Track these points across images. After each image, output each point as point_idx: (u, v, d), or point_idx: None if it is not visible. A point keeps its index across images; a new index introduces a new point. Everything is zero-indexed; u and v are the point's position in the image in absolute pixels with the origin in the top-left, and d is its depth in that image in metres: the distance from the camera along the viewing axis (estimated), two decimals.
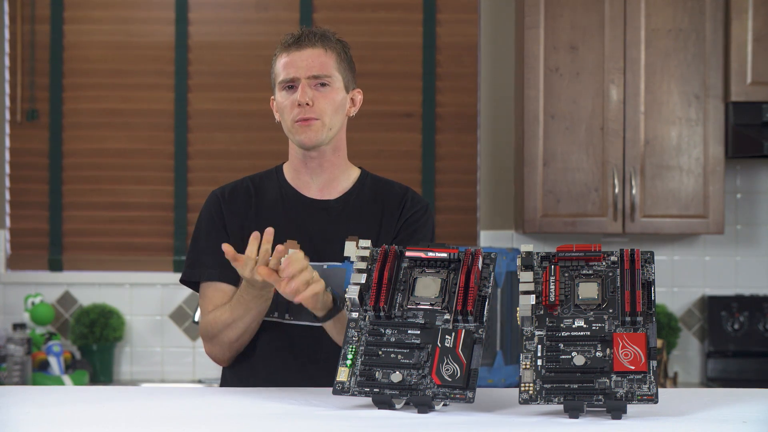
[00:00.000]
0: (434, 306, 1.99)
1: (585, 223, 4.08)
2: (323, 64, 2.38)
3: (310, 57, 2.38)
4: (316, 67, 2.37)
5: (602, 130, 4.07)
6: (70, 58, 4.42)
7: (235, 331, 2.35)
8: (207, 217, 2.45)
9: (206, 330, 2.39)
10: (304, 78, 2.37)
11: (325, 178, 2.45)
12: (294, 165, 2.47)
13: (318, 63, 2.38)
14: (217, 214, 2.44)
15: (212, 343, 2.39)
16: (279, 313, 2.38)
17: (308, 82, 2.37)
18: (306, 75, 2.37)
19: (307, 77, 2.37)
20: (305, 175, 2.45)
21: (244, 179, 2.51)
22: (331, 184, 2.46)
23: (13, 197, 4.42)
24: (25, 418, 1.88)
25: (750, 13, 4.04)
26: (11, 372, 3.99)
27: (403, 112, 4.42)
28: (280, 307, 2.37)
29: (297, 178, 2.46)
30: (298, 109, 2.37)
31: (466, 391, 1.88)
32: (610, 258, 1.98)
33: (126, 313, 4.36)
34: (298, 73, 2.37)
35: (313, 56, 2.38)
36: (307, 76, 2.37)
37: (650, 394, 1.83)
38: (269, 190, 2.46)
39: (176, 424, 1.85)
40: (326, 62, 2.39)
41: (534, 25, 4.07)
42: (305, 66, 2.37)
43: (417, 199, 2.49)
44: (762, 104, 4.03)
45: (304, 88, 2.36)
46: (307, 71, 2.37)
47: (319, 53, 2.39)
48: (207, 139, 4.42)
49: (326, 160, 2.44)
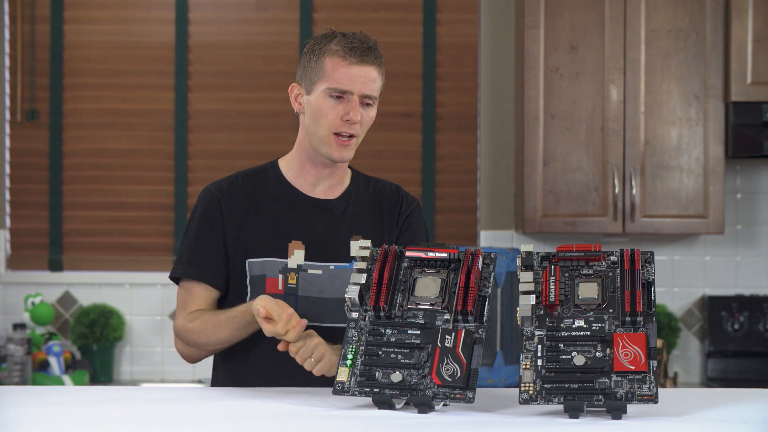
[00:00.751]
0: (434, 306, 1.99)
1: (585, 223, 4.08)
2: (376, 85, 2.37)
3: (369, 76, 2.35)
4: (372, 87, 2.35)
5: (602, 130, 4.07)
6: (70, 58, 4.42)
7: (217, 345, 2.34)
8: (202, 215, 2.42)
9: (185, 333, 2.37)
10: (358, 95, 2.33)
11: (332, 181, 2.44)
12: (301, 164, 2.43)
13: (373, 83, 2.36)
14: (215, 212, 2.40)
15: (188, 345, 2.38)
16: None
17: (360, 98, 2.34)
18: (361, 92, 2.33)
19: (360, 95, 2.34)
20: (312, 177, 2.43)
21: (237, 175, 2.47)
22: (334, 186, 2.45)
23: (13, 197, 4.42)
24: (25, 418, 1.88)
25: (750, 13, 4.04)
26: (11, 372, 3.99)
27: (403, 112, 4.42)
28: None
29: (300, 178, 2.43)
30: (344, 125, 2.33)
31: (466, 391, 1.88)
32: (610, 258, 1.98)
33: (126, 313, 4.36)
34: (354, 89, 2.33)
35: (371, 75, 2.35)
36: (362, 93, 2.34)
37: (650, 394, 1.83)
38: (267, 188, 2.43)
39: (176, 424, 1.85)
40: (378, 83, 2.37)
41: (534, 25, 4.07)
42: (362, 83, 2.33)
43: (410, 198, 2.51)
44: (762, 104, 4.03)
45: (357, 105, 2.33)
46: (362, 89, 2.33)
47: (375, 73, 2.37)
48: (207, 139, 4.42)
49: (338, 168, 2.43)
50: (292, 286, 2.36)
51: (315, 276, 2.36)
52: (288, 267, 2.36)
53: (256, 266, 2.37)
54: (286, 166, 2.46)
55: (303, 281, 2.36)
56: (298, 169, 2.44)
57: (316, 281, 2.36)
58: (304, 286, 2.36)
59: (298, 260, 2.36)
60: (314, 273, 2.36)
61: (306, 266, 2.36)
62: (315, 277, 2.36)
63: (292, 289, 2.36)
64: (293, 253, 2.36)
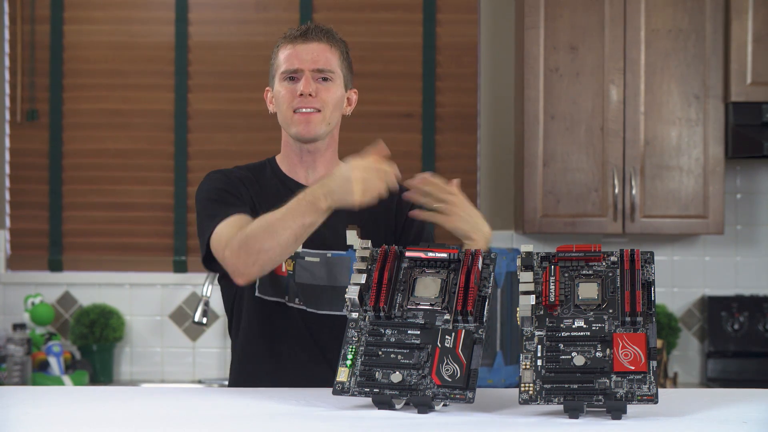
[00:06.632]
0: (434, 306, 1.99)
1: (585, 224, 4.08)
2: (328, 59, 2.40)
3: (316, 50, 2.39)
4: (321, 60, 2.39)
5: (602, 131, 4.07)
6: (70, 58, 4.42)
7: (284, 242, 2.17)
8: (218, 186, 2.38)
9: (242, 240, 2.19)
10: (308, 70, 2.38)
11: (321, 172, 2.45)
12: (289, 158, 2.48)
13: (323, 57, 2.40)
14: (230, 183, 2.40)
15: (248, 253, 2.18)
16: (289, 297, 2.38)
17: (312, 74, 2.38)
18: (311, 67, 2.38)
19: (311, 70, 2.38)
20: (301, 169, 2.47)
21: (237, 167, 2.50)
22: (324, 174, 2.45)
23: (13, 197, 4.42)
24: (25, 418, 1.88)
25: (750, 13, 4.04)
26: (11, 372, 3.99)
27: (403, 112, 4.42)
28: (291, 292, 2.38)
29: (293, 171, 2.48)
30: (299, 99, 2.38)
31: (466, 392, 1.88)
32: (610, 258, 1.98)
33: (126, 313, 4.36)
34: (303, 65, 2.38)
35: (319, 50, 2.40)
36: (312, 68, 2.38)
37: (650, 395, 1.83)
38: (267, 180, 2.47)
39: (176, 424, 1.85)
40: (331, 58, 2.41)
41: (534, 25, 4.07)
42: (310, 59, 2.39)
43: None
44: (762, 104, 4.03)
45: (308, 79, 2.37)
46: (312, 64, 2.38)
47: (325, 48, 2.41)
48: (207, 139, 4.42)
49: (320, 155, 2.46)
50: (289, 272, 2.38)
51: (312, 263, 2.39)
52: None
53: None
54: (280, 163, 2.51)
55: (300, 268, 2.38)
56: (288, 164, 2.48)
57: (313, 269, 2.38)
58: (301, 273, 2.38)
59: None
60: (311, 260, 2.39)
61: (303, 254, 2.39)
62: (312, 265, 2.39)
63: (288, 276, 2.38)
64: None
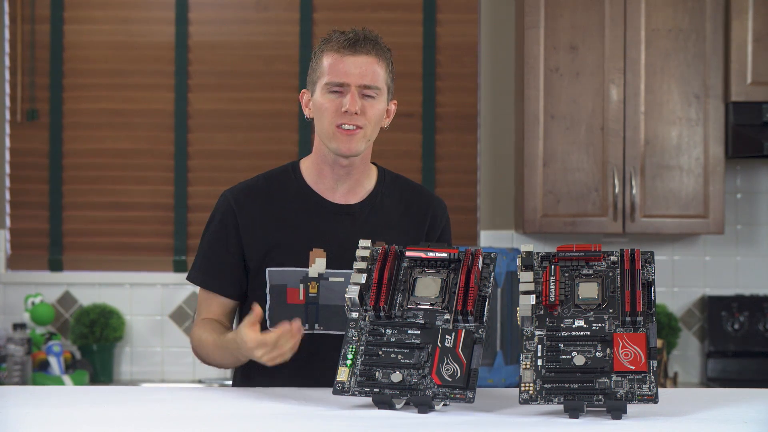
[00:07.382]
0: (434, 306, 1.99)
1: (585, 223, 4.08)
2: (375, 74, 2.30)
3: (364, 65, 2.29)
4: (368, 76, 2.29)
5: (602, 130, 4.07)
6: (70, 58, 4.42)
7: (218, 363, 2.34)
8: (217, 224, 2.39)
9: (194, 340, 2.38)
10: (354, 85, 2.29)
11: (351, 183, 2.39)
12: (318, 168, 2.39)
13: (371, 72, 2.29)
14: (229, 223, 2.37)
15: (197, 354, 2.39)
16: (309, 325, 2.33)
17: (357, 89, 2.29)
18: (357, 83, 2.28)
19: (357, 85, 2.29)
20: (330, 180, 2.39)
21: (257, 178, 2.42)
22: (354, 188, 2.40)
23: (13, 197, 4.42)
24: (25, 418, 1.88)
25: (750, 13, 4.04)
26: (11, 372, 3.99)
27: (403, 112, 4.41)
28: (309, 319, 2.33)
29: (320, 182, 2.39)
30: (344, 117, 2.29)
31: (466, 391, 1.88)
32: (610, 258, 1.98)
33: (126, 313, 4.36)
34: (350, 80, 2.28)
35: (367, 64, 2.29)
36: (359, 84, 2.28)
37: (650, 394, 1.83)
38: (286, 192, 2.39)
39: (176, 424, 1.85)
40: (378, 72, 2.31)
41: (534, 25, 4.07)
42: (358, 73, 2.28)
43: (441, 206, 2.48)
44: (762, 104, 4.03)
45: (354, 96, 2.28)
46: (359, 79, 2.28)
47: (372, 62, 2.30)
48: (207, 139, 4.42)
49: (355, 168, 2.38)
50: (313, 295, 2.32)
51: (336, 284, 2.32)
52: (309, 276, 2.33)
53: (276, 275, 2.34)
54: (306, 170, 2.42)
55: (324, 290, 2.32)
56: (317, 173, 2.40)
57: (338, 289, 2.31)
58: (325, 295, 2.32)
59: (319, 269, 2.33)
60: (336, 281, 2.32)
61: (327, 274, 2.33)
62: (336, 285, 2.32)
63: (312, 299, 2.32)
64: (314, 262, 2.32)
